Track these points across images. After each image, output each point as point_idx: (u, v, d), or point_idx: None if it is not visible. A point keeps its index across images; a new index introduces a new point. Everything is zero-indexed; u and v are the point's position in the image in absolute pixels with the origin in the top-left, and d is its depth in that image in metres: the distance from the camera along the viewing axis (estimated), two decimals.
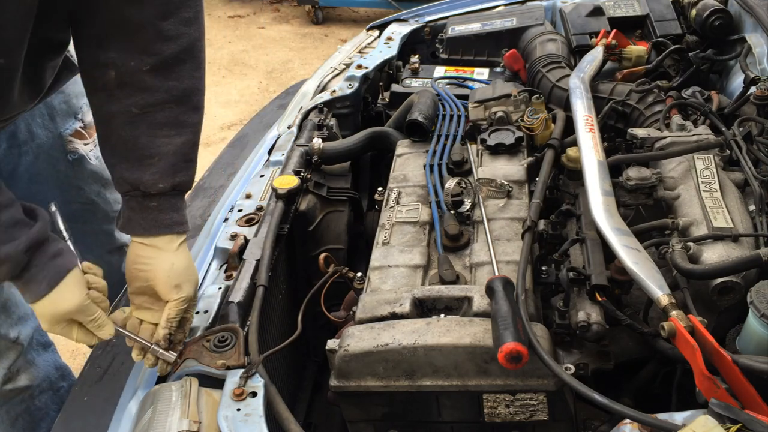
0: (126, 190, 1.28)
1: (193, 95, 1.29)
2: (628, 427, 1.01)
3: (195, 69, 1.29)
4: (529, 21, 2.30)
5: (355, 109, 2.16)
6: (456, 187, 1.52)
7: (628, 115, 1.84)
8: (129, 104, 1.24)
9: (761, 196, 1.41)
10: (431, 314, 1.29)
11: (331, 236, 1.76)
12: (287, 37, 6.12)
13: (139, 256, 1.28)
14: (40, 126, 1.75)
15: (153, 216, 1.27)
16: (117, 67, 1.24)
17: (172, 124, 1.27)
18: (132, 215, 1.28)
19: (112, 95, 1.25)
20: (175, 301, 1.25)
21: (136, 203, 1.27)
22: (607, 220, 1.36)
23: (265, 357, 1.24)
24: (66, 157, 1.82)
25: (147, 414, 1.15)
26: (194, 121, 1.30)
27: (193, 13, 1.27)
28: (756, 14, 1.94)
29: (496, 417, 1.21)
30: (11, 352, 1.77)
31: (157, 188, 1.26)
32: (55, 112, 1.77)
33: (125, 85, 1.24)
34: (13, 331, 1.76)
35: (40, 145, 1.76)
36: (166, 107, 1.26)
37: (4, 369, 1.76)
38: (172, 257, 1.27)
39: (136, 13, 1.21)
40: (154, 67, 1.24)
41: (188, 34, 1.26)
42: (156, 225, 1.27)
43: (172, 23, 1.24)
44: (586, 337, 1.28)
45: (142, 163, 1.26)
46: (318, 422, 1.64)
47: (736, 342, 1.21)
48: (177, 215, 1.29)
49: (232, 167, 2.13)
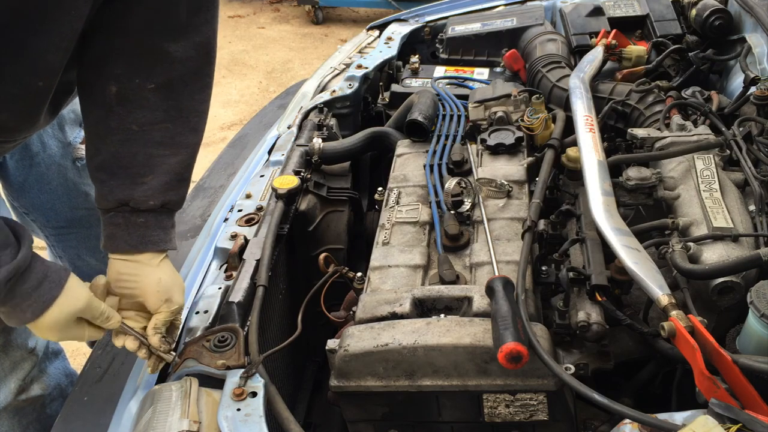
0: (112, 207, 1.25)
1: (192, 116, 1.28)
2: (628, 427, 1.01)
3: (198, 91, 1.29)
4: (529, 21, 2.30)
5: (355, 109, 2.16)
6: (456, 187, 1.52)
7: (628, 115, 1.84)
8: (129, 121, 1.23)
9: (761, 196, 1.41)
10: (431, 314, 1.29)
11: (331, 236, 1.76)
12: (287, 37, 6.12)
13: (122, 273, 1.25)
14: (51, 136, 1.75)
15: (140, 232, 1.25)
16: (120, 83, 1.23)
17: (169, 144, 1.26)
18: (116, 231, 1.25)
19: (111, 111, 1.24)
20: (164, 313, 1.25)
21: (123, 219, 1.25)
22: (607, 220, 1.36)
23: (265, 357, 1.24)
24: (74, 164, 1.83)
25: (147, 414, 1.15)
26: (191, 141, 1.29)
27: (203, 38, 1.26)
28: (756, 14, 1.94)
29: (496, 417, 1.21)
30: (27, 362, 1.77)
31: (147, 205, 1.24)
32: (65, 121, 1.78)
33: (127, 101, 1.23)
34: (31, 340, 1.76)
35: (51, 156, 1.76)
36: (164, 126, 1.25)
37: (19, 380, 1.75)
38: (158, 273, 1.25)
39: (148, 36, 1.21)
40: (158, 86, 1.23)
41: (197, 58, 1.26)
42: (142, 242, 1.25)
43: (182, 46, 1.23)
44: (586, 337, 1.28)
45: (134, 180, 1.24)
46: (318, 422, 1.64)
47: (736, 342, 1.20)
48: (163, 234, 1.27)
49: (232, 167, 2.13)
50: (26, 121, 1.28)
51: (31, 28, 1.06)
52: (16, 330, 1.72)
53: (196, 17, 1.25)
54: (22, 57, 1.09)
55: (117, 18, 1.21)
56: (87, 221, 1.93)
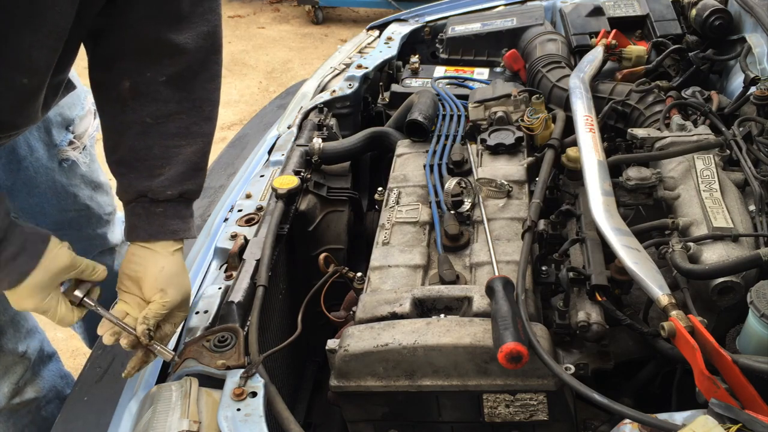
0: (132, 198, 1.29)
1: (205, 106, 1.31)
2: (628, 427, 1.01)
3: (208, 81, 1.31)
4: (529, 21, 2.30)
5: (355, 109, 2.16)
6: (456, 187, 1.52)
7: (628, 115, 1.84)
8: (144, 114, 1.25)
9: (761, 196, 1.41)
10: (431, 314, 1.29)
11: (331, 236, 1.76)
12: (287, 37, 6.12)
13: (134, 255, 1.28)
14: (38, 140, 1.75)
15: (159, 222, 1.28)
16: (132, 78, 1.25)
17: (184, 134, 1.28)
18: (137, 222, 1.28)
19: (126, 105, 1.26)
20: (156, 303, 1.25)
21: (143, 209, 1.28)
22: (607, 220, 1.36)
23: (265, 357, 1.24)
24: (61, 166, 1.83)
25: (147, 414, 1.15)
26: (206, 131, 1.32)
27: (210, 27, 1.28)
28: (756, 14, 1.94)
29: (496, 417, 1.21)
30: (19, 366, 1.77)
31: (164, 195, 1.27)
32: (51, 124, 1.77)
33: (140, 95, 1.25)
34: (21, 345, 1.76)
35: (38, 159, 1.76)
36: (178, 117, 1.27)
37: (12, 384, 1.76)
38: (163, 260, 1.27)
39: (153, 29, 1.22)
40: (169, 78, 1.25)
41: (204, 48, 1.28)
42: (161, 231, 1.28)
43: (188, 37, 1.25)
44: (586, 337, 1.28)
45: (152, 172, 1.27)
46: (318, 422, 1.64)
47: (736, 342, 1.20)
48: (182, 223, 1.30)
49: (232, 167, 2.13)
50: (19, 117, 1.28)
51: (12, 24, 1.05)
52: (5, 335, 1.72)
53: (199, 6, 1.26)
54: (2, 53, 1.08)
55: (120, 14, 1.22)
56: (76, 223, 1.93)
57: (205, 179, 1.35)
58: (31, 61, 1.12)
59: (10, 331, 1.72)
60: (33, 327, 1.80)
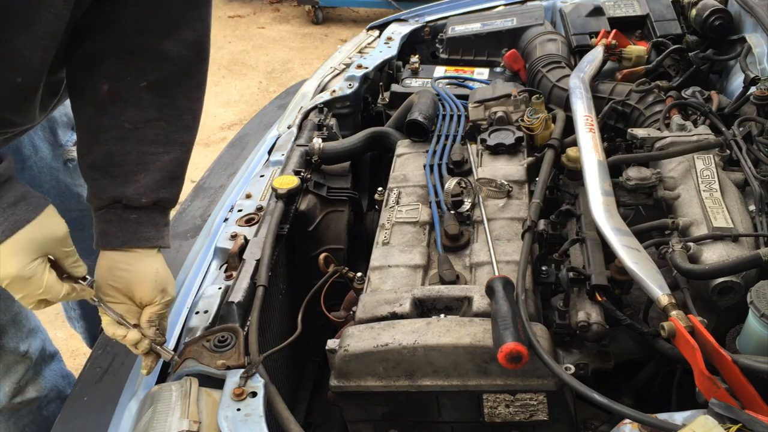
0: (104, 204, 1.24)
1: (186, 114, 1.27)
2: (628, 427, 1.01)
3: (191, 90, 1.28)
4: (529, 21, 2.30)
5: (355, 109, 2.16)
6: (456, 187, 1.52)
7: (628, 115, 1.84)
8: (122, 119, 1.22)
9: (761, 196, 1.41)
10: (431, 314, 1.29)
11: (331, 236, 1.76)
12: (287, 37, 6.12)
13: (118, 261, 1.23)
14: (42, 140, 1.74)
15: (132, 228, 1.24)
16: (112, 81, 1.21)
17: (162, 141, 1.25)
18: (108, 228, 1.24)
19: (103, 110, 1.22)
20: (159, 304, 1.24)
21: (115, 215, 1.24)
22: (607, 220, 1.36)
23: (265, 357, 1.24)
24: (65, 166, 1.82)
25: (147, 414, 1.15)
26: (185, 140, 1.28)
27: (196, 36, 1.25)
28: (756, 14, 1.94)
29: (496, 417, 1.21)
30: (20, 365, 1.77)
31: (139, 202, 1.23)
32: (57, 124, 1.77)
33: (119, 99, 1.22)
34: (23, 344, 1.75)
35: (42, 158, 1.76)
36: (157, 124, 1.24)
37: (13, 383, 1.75)
38: (155, 262, 1.25)
39: (138, 33, 1.20)
40: (150, 84, 1.22)
41: (188, 56, 1.25)
42: (134, 237, 1.24)
43: (174, 44, 1.22)
44: (586, 337, 1.28)
45: (127, 178, 1.23)
46: (318, 422, 1.64)
47: (736, 342, 1.20)
48: (155, 231, 1.26)
49: (232, 167, 2.13)
50: (16, 115, 1.27)
51: (5, 24, 1.05)
52: (7, 334, 1.72)
53: (188, 14, 1.24)
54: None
55: (107, 16, 1.20)
56: (80, 222, 1.93)
57: (181, 189, 1.30)
58: (24, 60, 1.11)
59: (11, 331, 1.72)
60: (35, 326, 1.80)
